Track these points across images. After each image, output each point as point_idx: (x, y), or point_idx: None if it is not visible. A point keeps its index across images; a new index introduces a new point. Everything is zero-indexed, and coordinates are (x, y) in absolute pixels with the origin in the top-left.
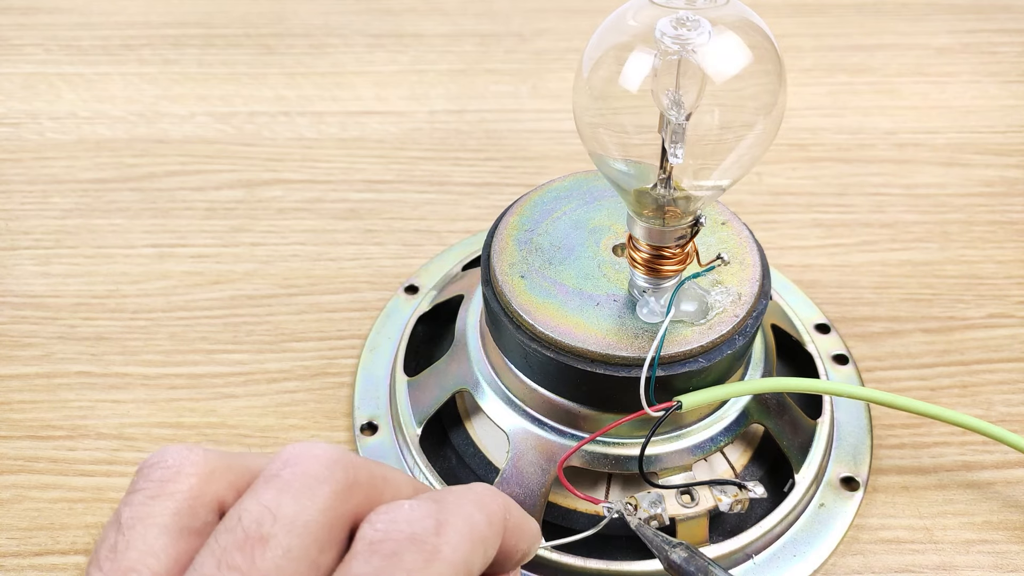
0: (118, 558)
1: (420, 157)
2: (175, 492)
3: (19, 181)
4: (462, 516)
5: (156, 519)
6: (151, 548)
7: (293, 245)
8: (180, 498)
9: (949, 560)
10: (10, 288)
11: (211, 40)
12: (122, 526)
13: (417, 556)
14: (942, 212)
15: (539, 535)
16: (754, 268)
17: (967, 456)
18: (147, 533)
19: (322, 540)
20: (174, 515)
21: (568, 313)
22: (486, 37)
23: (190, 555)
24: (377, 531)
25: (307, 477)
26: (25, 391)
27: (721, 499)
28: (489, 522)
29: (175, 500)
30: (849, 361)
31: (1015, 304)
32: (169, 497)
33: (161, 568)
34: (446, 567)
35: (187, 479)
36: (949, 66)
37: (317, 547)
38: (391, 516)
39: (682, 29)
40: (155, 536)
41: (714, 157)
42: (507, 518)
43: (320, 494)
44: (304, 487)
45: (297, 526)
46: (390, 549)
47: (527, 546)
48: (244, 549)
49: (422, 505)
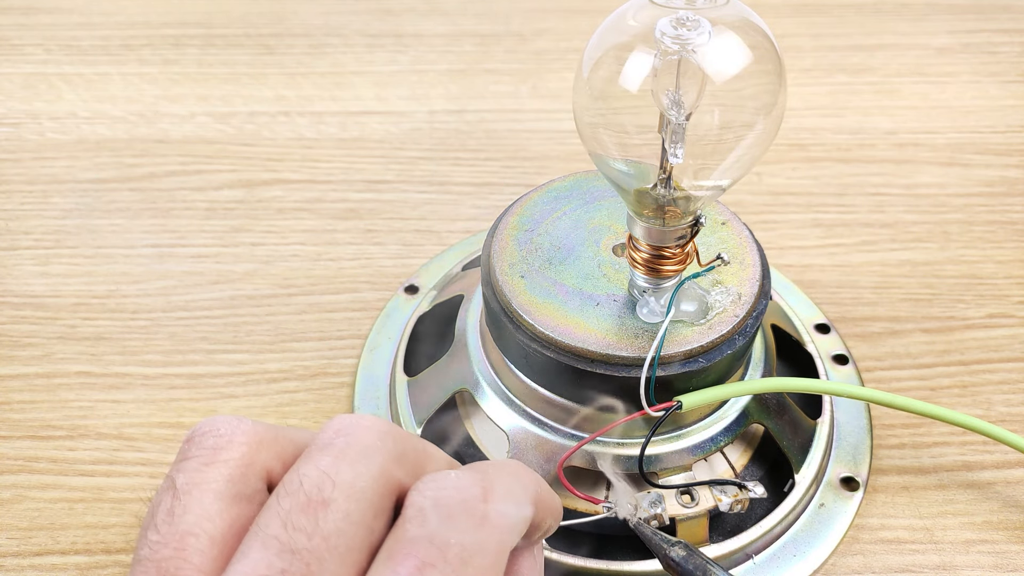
0: (175, 522)
1: (420, 157)
2: (228, 460)
3: (19, 181)
4: (504, 486)
5: (211, 485)
6: (207, 512)
7: (293, 245)
8: (233, 465)
9: (949, 560)
10: (10, 288)
11: (211, 40)
12: (178, 491)
13: (468, 520)
14: (942, 212)
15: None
16: (754, 268)
17: (967, 456)
18: (203, 498)
19: (376, 506)
20: (227, 482)
21: (568, 313)
22: (486, 37)
23: (242, 520)
24: (427, 497)
25: (361, 446)
26: (25, 391)
27: (721, 499)
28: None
29: (228, 467)
30: (849, 361)
31: (1015, 304)
32: (223, 464)
33: (216, 532)
34: (495, 531)
35: (239, 447)
36: (949, 66)
37: (372, 512)
38: (440, 484)
39: (682, 29)
40: (210, 501)
41: (714, 157)
42: (538, 491)
43: (375, 462)
44: (359, 455)
45: (355, 491)
46: (443, 513)
47: (552, 521)
48: (307, 511)
49: (467, 474)
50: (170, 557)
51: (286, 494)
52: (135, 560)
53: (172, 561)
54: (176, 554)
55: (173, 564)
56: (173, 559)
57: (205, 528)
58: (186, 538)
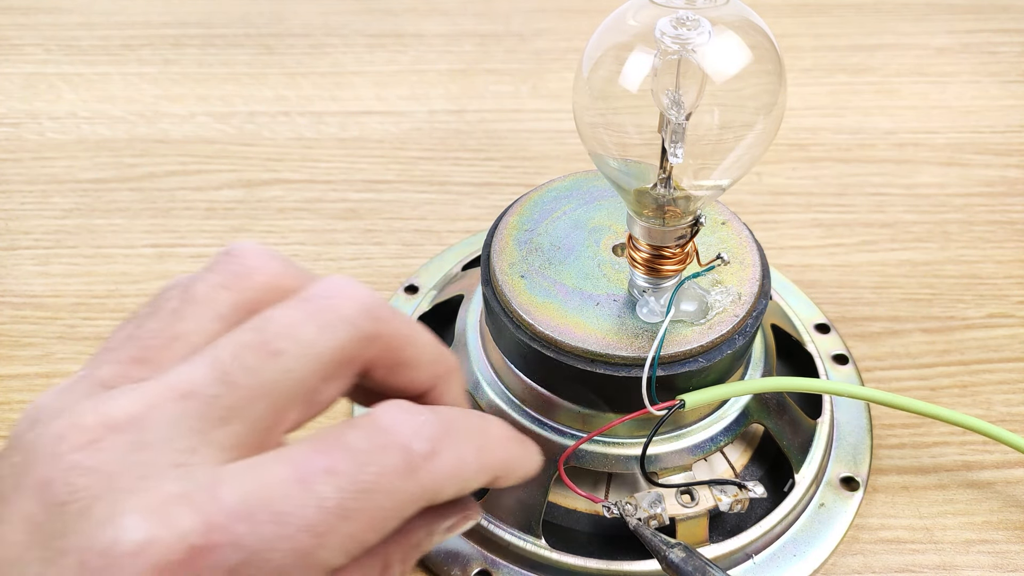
0: (174, 322)
1: (420, 157)
2: (243, 289)
3: (19, 181)
4: (457, 455)
5: (218, 306)
6: (202, 327)
7: (293, 245)
8: (245, 296)
9: (949, 560)
10: (10, 288)
11: (211, 40)
12: (188, 298)
13: (399, 464)
14: (942, 212)
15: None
16: (754, 268)
17: (967, 456)
18: (206, 313)
19: (326, 372)
20: (233, 308)
21: (568, 313)
22: (486, 37)
23: None
24: (383, 420)
25: (335, 313)
26: (25, 391)
27: (721, 499)
28: (479, 469)
29: (240, 295)
30: (849, 361)
31: (1015, 304)
32: (237, 291)
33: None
34: (415, 488)
35: (257, 279)
36: (949, 66)
37: (319, 376)
38: (402, 418)
39: (682, 29)
40: (210, 320)
41: (714, 157)
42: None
43: (339, 333)
44: (327, 321)
45: (309, 353)
46: (384, 442)
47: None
48: (258, 354)
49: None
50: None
51: (251, 329)
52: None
53: (155, 351)
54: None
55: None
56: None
57: (192, 340)
58: (176, 340)
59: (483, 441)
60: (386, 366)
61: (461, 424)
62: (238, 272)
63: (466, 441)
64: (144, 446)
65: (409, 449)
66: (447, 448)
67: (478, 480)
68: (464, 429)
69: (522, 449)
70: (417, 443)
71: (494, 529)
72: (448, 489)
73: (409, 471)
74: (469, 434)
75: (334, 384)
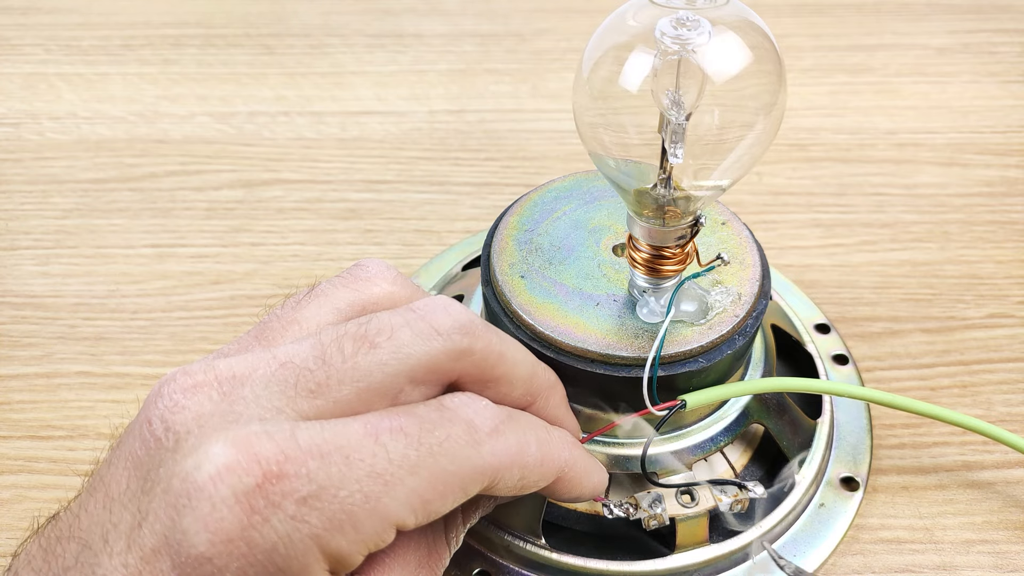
0: (298, 307)
1: (420, 157)
2: (360, 291)
3: (19, 181)
4: (519, 439)
5: (336, 301)
6: (319, 315)
7: (293, 245)
8: (361, 296)
9: (949, 560)
10: (10, 288)
11: (211, 40)
12: (313, 293)
13: (463, 434)
14: (942, 212)
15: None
16: (754, 268)
17: (967, 456)
18: (324, 305)
19: (414, 377)
20: (348, 304)
21: (568, 313)
22: (486, 37)
23: None
24: (449, 401)
25: (430, 324)
26: (25, 391)
27: (721, 499)
28: (540, 462)
29: (356, 295)
30: (849, 361)
31: (1015, 304)
32: (355, 291)
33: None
34: (478, 460)
35: (374, 287)
36: (949, 66)
37: (406, 378)
38: (467, 400)
39: (682, 29)
40: (327, 311)
41: (714, 157)
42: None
43: (432, 343)
44: (422, 330)
45: (401, 354)
46: (451, 415)
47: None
48: (356, 342)
49: (494, 410)
50: (275, 328)
51: (355, 323)
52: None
53: (274, 331)
54: (281, 327)
55: (274, 333)
56: (276, 330)
57: (307, 326)
58: (293, 323)
59: (546, 436)
60: (478, 380)
61: (525, 418)
62: (359, 277)
63: (529, 431)
64: (238, 399)
65: (472, 423)
66: (510, 431)
67: (539, 473)
68: (527, 422)
69: (587, 457)
70: (480, 420)
71: (494, 529)
72: (509, 475)
73: (473, 443)
74: (532, 426)
75: (420, 389)
